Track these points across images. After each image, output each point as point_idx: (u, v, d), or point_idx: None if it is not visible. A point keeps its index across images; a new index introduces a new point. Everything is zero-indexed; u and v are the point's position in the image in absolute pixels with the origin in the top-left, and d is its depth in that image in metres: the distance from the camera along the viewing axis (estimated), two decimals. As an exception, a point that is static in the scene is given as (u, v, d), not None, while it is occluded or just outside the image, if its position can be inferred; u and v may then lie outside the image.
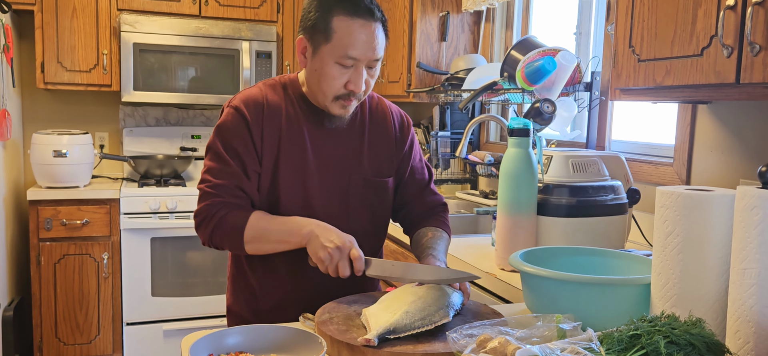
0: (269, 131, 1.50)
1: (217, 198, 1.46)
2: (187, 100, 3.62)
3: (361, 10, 1.41)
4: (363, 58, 1.43)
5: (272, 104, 1.52)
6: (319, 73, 1.45)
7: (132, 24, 3.46)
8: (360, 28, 1.41)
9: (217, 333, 1.17)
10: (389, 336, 1.16)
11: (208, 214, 1.46)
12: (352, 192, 1.57)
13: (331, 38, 1.41)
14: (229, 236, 1.46)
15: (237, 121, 1.49)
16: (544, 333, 1.07)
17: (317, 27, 1.43)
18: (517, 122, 1.77)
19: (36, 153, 3.28)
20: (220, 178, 1.47)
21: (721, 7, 1.35)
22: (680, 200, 1.15)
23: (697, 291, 1.15)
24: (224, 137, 1.49)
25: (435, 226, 1.65)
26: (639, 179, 2.24)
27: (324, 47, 1.43)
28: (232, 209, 1.46)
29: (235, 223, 1.45)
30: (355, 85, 1.44)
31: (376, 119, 1.62)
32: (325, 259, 1.38)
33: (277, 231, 1.45)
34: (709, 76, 1.39)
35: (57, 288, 3.31)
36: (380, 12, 1.45)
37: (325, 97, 1.47)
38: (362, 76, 1.44)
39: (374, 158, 1.60)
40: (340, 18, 1.40)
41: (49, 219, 3.25)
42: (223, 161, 1.48)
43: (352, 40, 1.40)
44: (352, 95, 1.46)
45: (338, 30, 1.41)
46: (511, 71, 2.39)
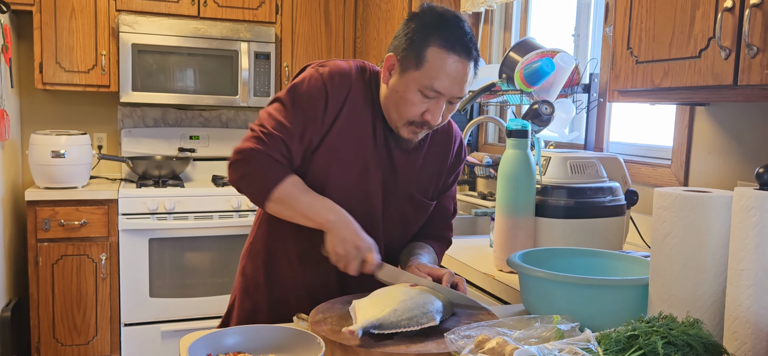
0: (346, 113, 1.46)
1: (262, 147, 1.41)
2: (185, 101, 3.62)
3: (458, 46, 1.37)
4: (447, 93, 1.39)
5: (359, 88, 1.48)
6: (399, 95, 1.42)
7: (130, 25, 3.45)
8: (453, 63, 1.37)
9: (216, 333, 1.18)
10: (374, 331, 1.17)
11: (247, 157, 1.42)
12: (393, 203, 1.55)
13: (422, 66, 1.38)
14: (258, 185, 1.42)
15: (318, 86, 1.44)
16: (543, 334, 1.07)
17: (410, 51, 1.39)
18: (516, 123, 1.77)
19: (34, 154, 3.28)
20: (275, 129, 1.42)
21: (719, 9, 1.35)
22: (678, 201, 1.16)
23: (694, 292, 1.15)
24: (299, 95, 1.44)
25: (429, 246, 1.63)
26: (637, 180, 2.24)
27: (412, 72, 1.39)
28: (271, 164, 1.42)
29: (271, 176, 1.41)
30: (433, 118, 1.41)
31: (438, 139, 1.59)
32: (341, 254, 1.38)
33: (306, 203, 1.42)
34: (706, 78, 1.40)
35: (55, 289, 3.30)
36: (476, 51, 1.42)
37: (399, 119, 1.44)
38: (441, 109, 1.41)
39: (425, 176, 1.58)
40: (435, 49, 1.37)
41: (47, 220, 3.24)
42: (286, 115, 1.43)
43: (441, 74, 1.37)
44: (425, 124, 1.43)
45: (431, 60, 1.37)
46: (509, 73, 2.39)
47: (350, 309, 1.26)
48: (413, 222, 1.61)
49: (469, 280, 1.92)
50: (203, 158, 3.99)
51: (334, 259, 1.40)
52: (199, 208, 3.44)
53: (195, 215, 3.43)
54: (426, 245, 1.63)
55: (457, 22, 1.40)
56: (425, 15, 1.41)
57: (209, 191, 3.47)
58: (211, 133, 4.01)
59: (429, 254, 1.59)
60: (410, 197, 1.57)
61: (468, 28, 1.41)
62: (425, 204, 1.60)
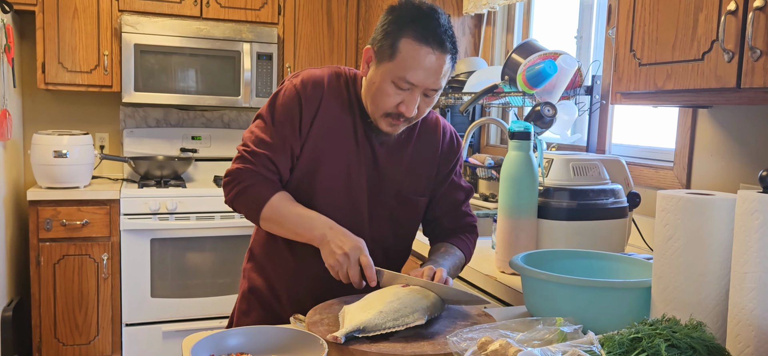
0: (321, 118, 1.49)
1: (249, 166, 1.47)
2: (187, 101, 3.62)
3: (431, 38, 1.38)
4: (421, 85, 1.40)
5: (334, 93, 1.51)
6: (375, 87, 1.44)
7: (133, 25, 3.46)
8: (425, 55, 1.38)
9: (219, 334, 1.18)
10: (357, 335, 1.18)
11: (236, 178, 1.48)
12: (381, 202, 1.56)
13: (395, 58, 1.39)
14: (249, 206, 1.48)
15: (292, 97, 1.49)
16: (545, 336, 1.07)
17: (385, 43, 1.41)
18: (518, 125, 1.77)
19: (36, 153, 3.28)
20: (258, 146, 1.48)
21: (722, 12, 1.35)
22: (681, 203, 1.16)
23: (697, 295, 1.15)
24: (276, 109, 1.50)
25: (453, 243, 1.62)
26: (639, 182, 2.24)
27: (386, 64, 1.41)
28: (260, 182, 1.47)
29: (258, 196, 1.46)
30: (407, 109, 1.43)
31: (424, 135, 1.60)
32: (334, 266, 1.39)
33: (292, 221, 1.46)
34: (709, 80, 1.40)
35: (56, 289, 3.31)
36: (452, 44, 1.41)
37: (376, 110, 1.46)
38: (416, 101, 1.42)
39: (412, 174, 1.59)
40: (408, 41, 1.38)
41: (48, 220, 3.25)
42: (267, 131, 1.49)
43: (413, 65, 1.38)
44: (401, 116, 1.44)
45: (403, 51, 1.39)
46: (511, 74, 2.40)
47: (340, 314, 1.27)
48: (404, 220, 1.61)
49: (470, 282, 1.92)
50: (205, 159, 3.99)
51: (333, 273, 1.41)
52: (200, 208, 3.44)
53: (197, 216, 3.43)
54: (445, 245, 1.61)
55: (432, 14, 1.40)
56: (402, 8, 1.43)
57: (211, 191, 3.48)
58: (213, 133, 4.01)
59: (451, 258, 1.57)
60: (398, 195, 1.58)
61: (444, 20, 1.41)
62: (414, 201, 1.60)
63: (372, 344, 1.17)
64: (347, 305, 1.29)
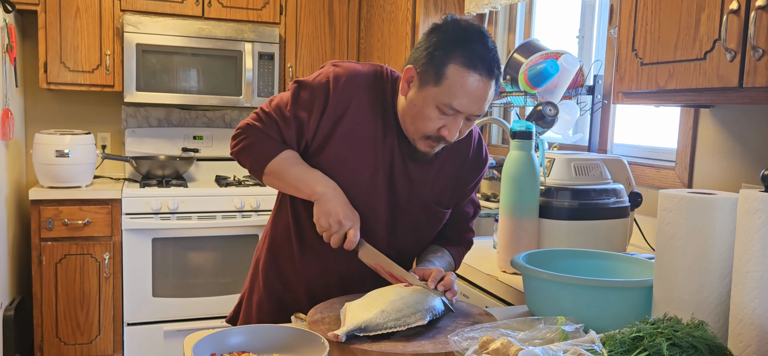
0: (350, 117, 1.45)
1: (260, 125, 1.48)
2: (189, 101, 3.62)
3: (480, 65, 1.32)
4: (466, 111, 1.35)
5: (368, 94, 1.46)
6: (417, 109, 1.38)
7: (135, 25, 3.46)
8: (473, 83, 1.32)
9: (220, 332, 1.18)
10: (359, 334, 1.18)
11: (247, 133, 1.49)
12: (406, 211, 1.52)
13: (441, 83, 1.33)
14: (255, 158, 1.48)
15: (322, 85, 1.46)
16: (547, 335, 1.07)
17: (431, 65, 1.35)
18: (520, 124, 1.77)
19: (38, 153, 3.29)
20: (274, 111, 1.48)
21: (725, 12, 1.35)
22: (683, 203, 1.16)
23: (699, 294, 1.15)
24: (303, 87, 1.48)
25: (448, 250, 1.61)
26: (641, 182, 2.24)
27: (431, 88, 1.35)
28: (270, 141, 1.47)
29: (266, 150, 1.47)
30: (449, 134, 1.38)
31: (456, 146, 1.53)
32: (324, 226, 1.41)
33: (295, 176, 1.45)
34: (712, 80, 1.40)
35: (58, 288, 3.31)
36: (498, 69, 1.36)
37: (415, 133, 1.41)
38: (458, 126, 1.37)
39: (441, 185, 1.54)
40: (456, 67, 1.32)
41: (50, 219, 3.25)
42: (287, 101, 1.48)
43: (460, 92, 1.33)
44: (441, 140, 1.40)
45: (451, 77, 1.33)
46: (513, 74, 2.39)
47: (341, 312, 1.27)
48: (427, 230, 1.59)
49: (472, 281, 1.92)
50: (207, 159, 3.99)
51: (318, 229, 1.42)
52: (202, 208, 3.44)
53: (198, 215, 3.43)
54: (441, 249, 1.60)
55: (481, 38, 1.35)
56: (449, 29, 1.37)
57: (213, 191, 3.48)
58: (215, 133, 4.01)
59: (442, 260, 1.57)
60: (424, 207, 1.53)
61: (492, 44, 1.36)
62: (440, 213, 1.56)
63: (373, 343, 1.17)
64: (349, 303, 1.29)
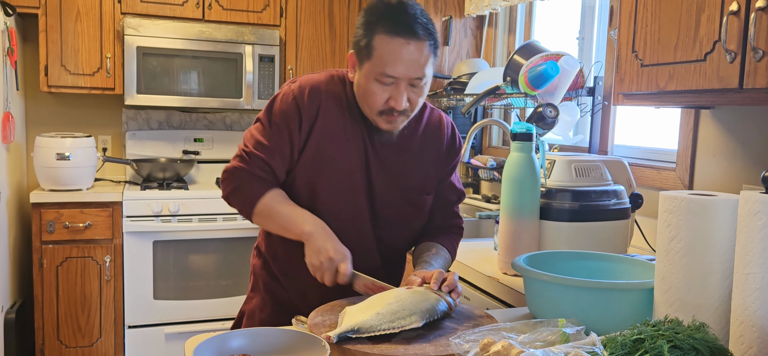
0: (320, 123, 1.51)
1: (245, 165, 1.51)
2: (190, 103, 3.62)
3: (402, 28, 1.40)
4: (402, 76, 1.42)
5: (332, 97, 1.53)
6: (362, 89, 1.47)
7: (135, 27, 3.46)
8: (400, 47, 1.40)
9: (221, 335, 1.18)
10: (352, 335, 1.18)
11: (232, 176, 1.53)
12: (389, 202, 1.57)
13: (372, 56, 1.42)
14: (243, 202, 1.53)
15: (290, 105, 1.51)
16: (548, 337, 1.07)
17: (361, 44, 1.44)
18: (520, 126, 1.77)
19: (39, 156, 3.29)
20: (255, 148, 1.52)
21: (725, 13, 1.35)
22: (683, 204, 1.16)
23: (700, 296, 1.15)
24: (275, 115, 1.52)
25: (441, 243, 1.63)
26: (642, 183, 2.24)
27: (366, 64, 1.44)
28: (255, 180, 1.51)
29: (252, 193, 1.50)
30: (396, 103, 1.44)
31: (429, 133, 1.61)
32: (315, 265, 1.42)
33: (283, 217, 1.49)
34: (712, 81, 1.40)
35: (59, 291, 3.31)
36: (426, 30, 1.43)
37: (370, 111, 1.48)
38: (403, 94, 1.44)
39: (419, 172, 1.60)
40: (380, 37, 1.41)
41: (51, 222, 3.25)
42: (266, 136, 1.52)
43: (390, 59, 1.40)
44: (394, 111, 1.46)
45: (378, 48, 1.41)
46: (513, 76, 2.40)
47: (340, 315, 1.27)
48: (412, 219, 1.63)
49: (473, 283, 1.92)
50: (207, 161, 3.99)
51: (310, 270, 1.44)
52: (203, 210, 3.44)
53: (199, 218, 3.43)
54: (435, 246, 1.62)
55: (401, 6, 1.42)
56: (373, 7, 1.46)
57: (213, 193, 3.48)
58: (216, 135, 4.01)
59: (439, 258, 1.58)
60: (405, 196, 1.58)
61: (414, 10, 1.42)
62: (421, 201, 1.61)
63: (374, 345, 1.17)
64: (349, 307, 1.29)
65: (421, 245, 1.64)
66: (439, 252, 1.60)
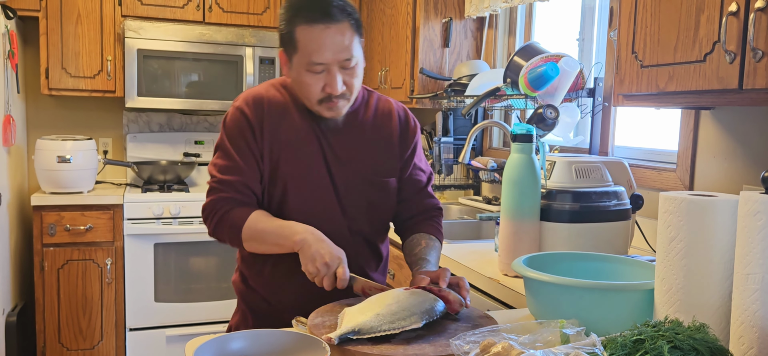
0: (269, 129, 1.54)
1: (222, 194, 1.52)
2: (190, 106, 3.63)
3: (319, 14, 1.43)
4: (331, 61, 1.45)
5: (274, 103, 1.56)
6: (297, 82, 1.51)
7: (136, 30, 3.47)
8: (320, 33, 1.43)
9: (222, 337, 1.18)
10: (352, 336, 1.19)
11: (212, 209, 1.53)
12: (351, 190, 1.59)
13: (298, 48, 1.46)
14: (229, 233, 1.52)
15: (239, 119, 1.54)
16: (548, 338, 1.07)
17: (286, 39, 1.48)
18: (520, 127, 1.77)
19: (40, 159, 3.29)
20: (225, 174, 1.53)
21: (724, 13, 1.35)
22: (683, 205, 1.16)
23: (700, 296, 1.15)
24: (229, 135, 1.55)
25: (428, 233, 1.65)
26: (642, 184, 2.24)
27: (295, 58, 1.48)
28: (235, 206, 1.52)
29: (235, 221, 1.50)
30: (332, 88, 1.47)
31: (379, 118, 1.64)
32: (312, 272, 1.41)
33: (272, 234, 1.49)
34: (712, 82, 1.40)
35: (60, 294, 3.31)
36: (343, 12, 1.45)
37: (310, 102, 1.51)
38: (336, 78, 1.46)
39: (375, 156, 1.61)
40: (301, 27, 1.44)
41: (52, 225, 3.26)
42: (229, 157, 1.53)
43: (315, 47, 1.43)
44: (333, 97, 1.48)
45: (301, 39, 1.44)
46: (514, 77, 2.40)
47: (340, 316, 1.27)
48: (379, 204, 1.63)
49: (473, 284, 1.92)
50: (208, 163, 3.99)
51: (308, 277, 1.43)
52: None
53: (200, 220, 3.41)
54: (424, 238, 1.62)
55: None
56: (289, 2, 1.48)
57: (214, 195, 3.48)
58: (216, 138, 4.01)
59: (433, 252, 1.60)
60: (367, 181, 1.60)
61: None
62: (384, 183, 1.62)
63: (374, 346, 1.17)
64: (348, 308, 1.29)
65: (410, 241, 1.64)
66: (429, 244, 1.61)
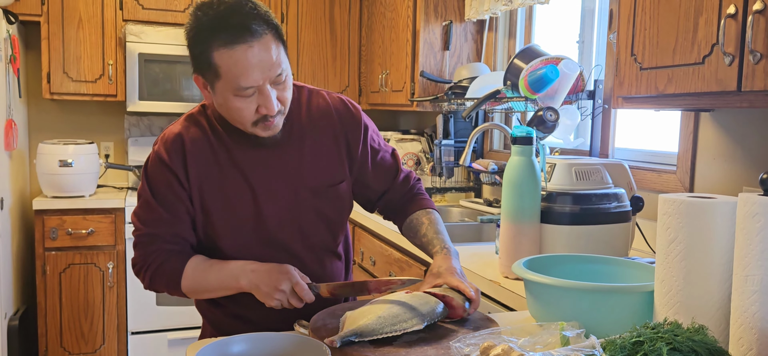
0: (193, 167, 1.41)
1: (151, 246, 1.42)
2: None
3: (238, 34, 1.26)
4: (260, 81, 1.30)
5: (194, 139, 1.42)
6: (225, 108, 1.35)
7: (137, 34, 3.48)
8: (244, 54, 1.26)
9: (223, 340, 1.18)
10: (354, 339, 1.19)
11: (144, 263, 1.43)
12: (302, 207, 1.47)
13: (220, 75, 1.29)
14: (167, 286, 1.43)
15: (158, 165, 1.42)
16: (548, 341, 1.08)
17: (202, 64, 1.31)
18: (521, 130, 1.78)
19: (42, 163, 3.30)
20: (151, 227, 1.42)
21: (722, 16, 1.36)
22: (682, 207, 1.16)
23: (699, 298, 1.15)
24: (150, 183, 1.43)
25: (423, 208, 1.58)
26: (642, 186, 2.24)
27: (218, 84, 1.31)
28: (169, 256, 1.42)
29: (171, 272, 1.41)
30: (268, 108, 1.33)
31: (314, 121, 1.50)
32: (275, 305, 1.36)
33: (215, 280, 1.41)
34: (710, 84, 1.40)
35: (62, 297, 3.32)
36: (262, 23, 1.28)
37: (245, 126, 1.37)
38: (270, 96, 1.31)
39: (318, 164, 1.49)
40: (219, 52, 1.27)
41: (54, 229, 3.26)
42: (152, 208, 1.41)
43: (239, 71, 1.27)
44: (269, 117, 1.35)
45: (223, 64, 1.28)
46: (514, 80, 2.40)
47: (341, 320, 1.27)
48: (332, 213, 1.52)
49: (474, 287, 1.92)
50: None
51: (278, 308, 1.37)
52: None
53: (201, 224, 3.44)
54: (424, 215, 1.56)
55: (228, 9, 1.27)
56: (198, 21, 1.29)
57: (215, 199, 3.49)
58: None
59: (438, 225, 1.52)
60: (316, 192, 1.48)
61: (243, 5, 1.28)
62: (334, 191, 1.51)
63: (376, 349, 1.17)
64: (349, 312, 1.30)
65: (409, 225, 1.57)
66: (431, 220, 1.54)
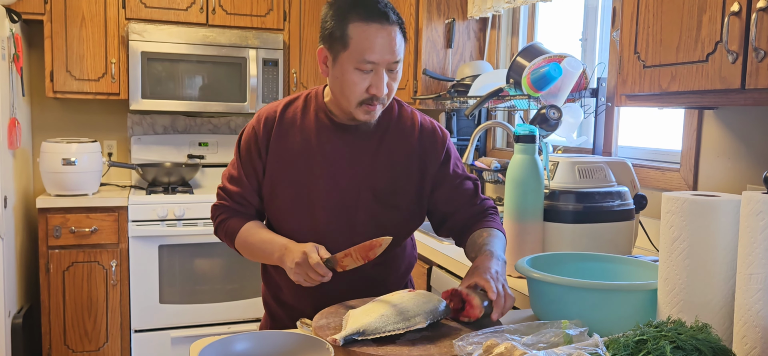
0: (276, 145, 1.57)
1: (224, 202, 1.63)
2: (194, 108, 3.64)
3: (376, 14, 1.43)
4: (381, 61, 1.45)
5: (286, 119, 1.59)
6: (340, 80, 1.48)
7: (140, 33, 3.48)
8: (376, 32, 1.43)
9: (226, 339, 1.18)
10: (357, 337, 1.19)
11: (214, 213, 1.66)
12: (360, 206, 1.56)
13: (349, 45, 1.44)
14: (226, 239, 1.64)
15: (250, 134, 1.61)
16: (551, 339, 1.07)
17: (334, 35, 1.46)
18: (524, 128, 1.78)
19: (45, 161, 3.31)
20: (229, 183, 1.63)
21: (726, 13, 1.35)
22: (686, 205, 1.16)
23: (703, 297, 1.15)
24: (240, 144, 1.63)
25: (488, 227, 1.59)
26: (646, 184, 2.24)
27: (343, 54, 1.45)
28: (233, 215, 1.62)
29: (229, 230, 1.61)
30: (377, 89, 1.46)
31: (399, 131, 1.60)
32: (297, 280, 1.43)
33: (258, 249, 1.56)
34: (714, 82, 1.40)
35: (66, 296, 3.33)
36: (396, 15, 1.47)
37: (350, 103, 1.49)
38: (383, 79, 1.46)
39: (387, 171, 1.57)
40: (355, 24, 1.43)
41: (58, 227, 3.27)
42: (235, 168, 1.63)
43: (368, 45, 1.43)
44: (375, 99, 1.48)
45: (355, 36, 1.43)
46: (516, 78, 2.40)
47: (344, 318, 1.27)
48: (388, 225, 1.56)
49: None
50: (212, 165, 4.01)
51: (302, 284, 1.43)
52: (208, 215, 3.43)
53: (204, 222, 3.44)
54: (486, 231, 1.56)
55: None
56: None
57: (218, 197, 3.49)
58: (220, 140, 4.03)
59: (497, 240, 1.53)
60: (377, 197, 1.55)
61: None
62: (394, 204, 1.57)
63: (379, 347, 1.17)
64: (352, 310, 1.30)
65: (470, 238, 1.58)
66: (491, 235, 1.54)
